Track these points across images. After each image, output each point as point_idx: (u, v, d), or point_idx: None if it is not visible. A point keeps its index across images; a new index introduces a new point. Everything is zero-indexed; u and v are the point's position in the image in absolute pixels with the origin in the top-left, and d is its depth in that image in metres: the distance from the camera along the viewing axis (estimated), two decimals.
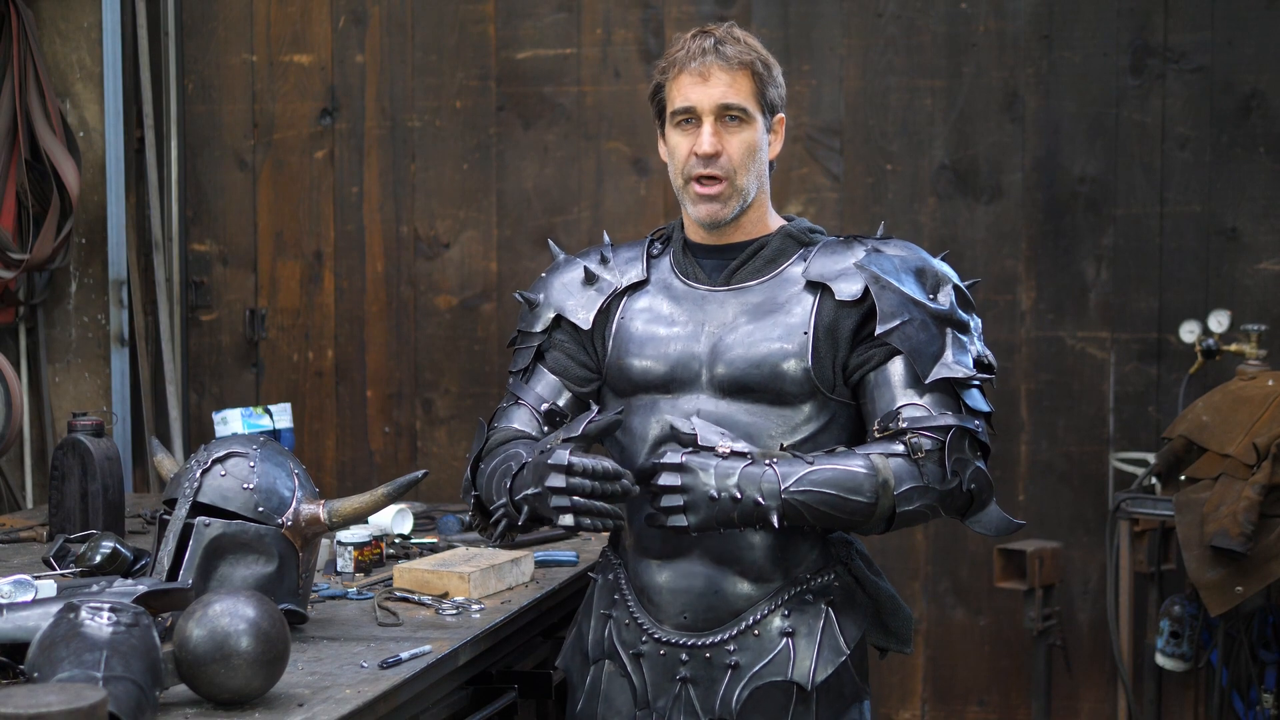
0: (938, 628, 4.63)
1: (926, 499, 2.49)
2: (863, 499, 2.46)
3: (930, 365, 2.55)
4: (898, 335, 2.55)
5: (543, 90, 4.82)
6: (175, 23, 4.94)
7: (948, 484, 2.50)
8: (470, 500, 2.72)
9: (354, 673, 2.41)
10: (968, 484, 2.52)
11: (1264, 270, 4.43)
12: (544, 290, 2.80)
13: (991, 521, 2.59)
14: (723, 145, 2.60)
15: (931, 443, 2.51)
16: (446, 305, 4.90)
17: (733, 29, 2.65)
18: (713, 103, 2.59)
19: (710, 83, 2.59)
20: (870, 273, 2.59)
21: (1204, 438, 3.94)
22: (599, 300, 2.74)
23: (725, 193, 2.62)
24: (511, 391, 2.79)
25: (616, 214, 4.76)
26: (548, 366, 2.77)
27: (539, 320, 2.78)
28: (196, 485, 2.57)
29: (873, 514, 2.47)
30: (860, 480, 2.47)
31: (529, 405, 2.76)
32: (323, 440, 4.97)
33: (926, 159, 4.62)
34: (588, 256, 2.80)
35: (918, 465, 2.49)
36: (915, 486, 2.48)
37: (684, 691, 2.62)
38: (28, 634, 2.18)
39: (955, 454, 2.51)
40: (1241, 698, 4.07)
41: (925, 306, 2.58)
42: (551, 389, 2.75)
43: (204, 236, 5.03)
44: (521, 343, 2.80)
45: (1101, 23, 4.50)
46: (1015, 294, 4.56)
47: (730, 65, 2.59)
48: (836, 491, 2.45)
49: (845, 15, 4.64)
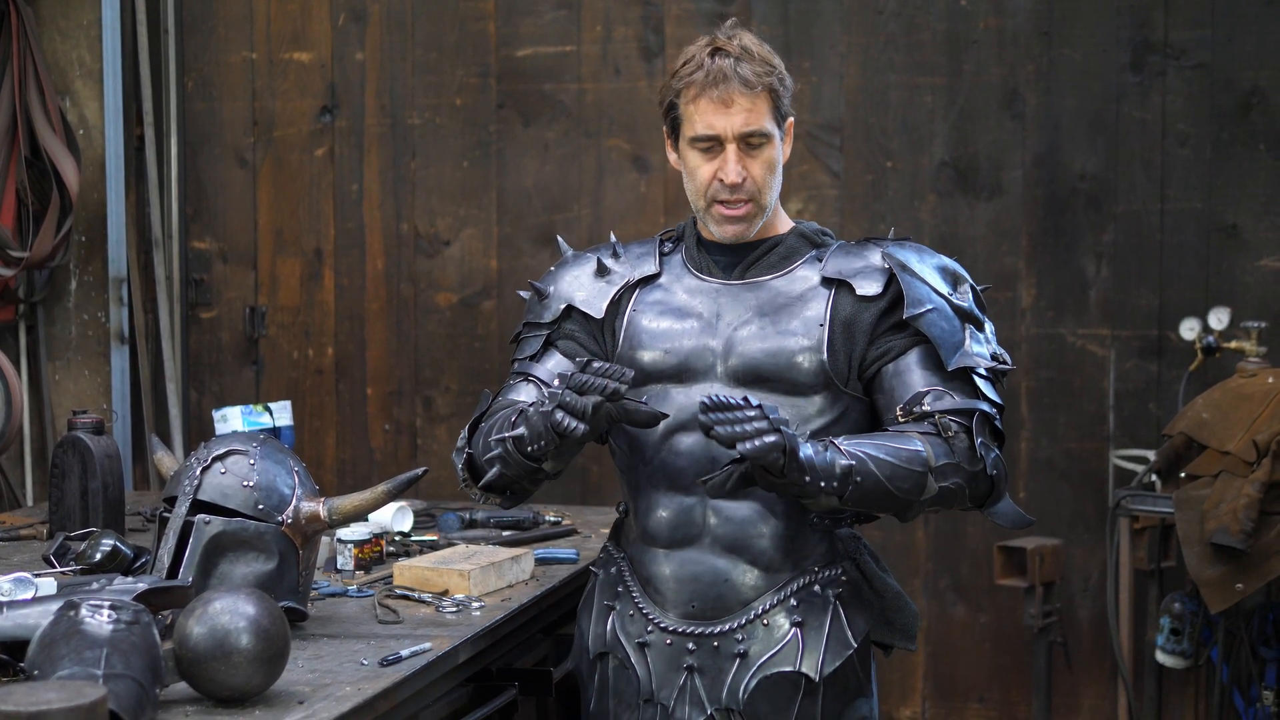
0: (938, 625, 4.63)
1: (959, 477, 2.51)
2: (916, 447, 2.47)
3: (953, 355, 2.58)
4: (925, 320, 2.58)
5: (543, 87, 4.82)
6: (175, 20, 4.94)
7: (975, 465, 2.52)
8: (461, 458, 2.67)
9: (354, 670, 2.41)
10: (991, 469, 2.54)
11: (1264, 267, 4.43)
12: (554, 282, 2.80)
13: (1007, 514, 2.62)
14: (746, 169, 2.60)
15: (958, 426, 2.53)
16: (446, 303, 4.90)
17: (743, 40, 2.62)
18: (736, 131, 2.58)
19: (733, 109, 2.58)
20: (897, 261, 2.63)
21: (1204, 435, 3.94)
22: (610, 291, 2.74)
23: (750, 213, 2.63)
24: (519, 370, 2.77)
25: (617, 211, 4.76)
26: (560, 351, 2.75)
27: (548, 311, 2.77)
28: (196, 483, 2.57)
29: (926, 471, 2.47)
30: (904, 439, 2.49)
31: (538, 381, 2.72)
32: (323, 438, 4.97)
33: (927, 156, 4.61)
34: (599, 251, 2.80)
35: (949, 443, 2.51)
36: (950, 463, 2.50)
37: (690, 681, 2.62)
38: (28, 632, 2.18)
39: (981, 437, 2.53)
40: (1242, 695, 4.07)
41: (948, 299, 2.62)
42: (565, 368, 2.71)
43: (204, 234, 5.03)
44: (528, 333, 2.79)
45: (1101, 20, 4.50)
46: (1015, 291, 4.56)
47: (752, 90, 2.58)
48: (889, 442, 2.48)
49: (845, 12, 4.64)
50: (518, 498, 2.66)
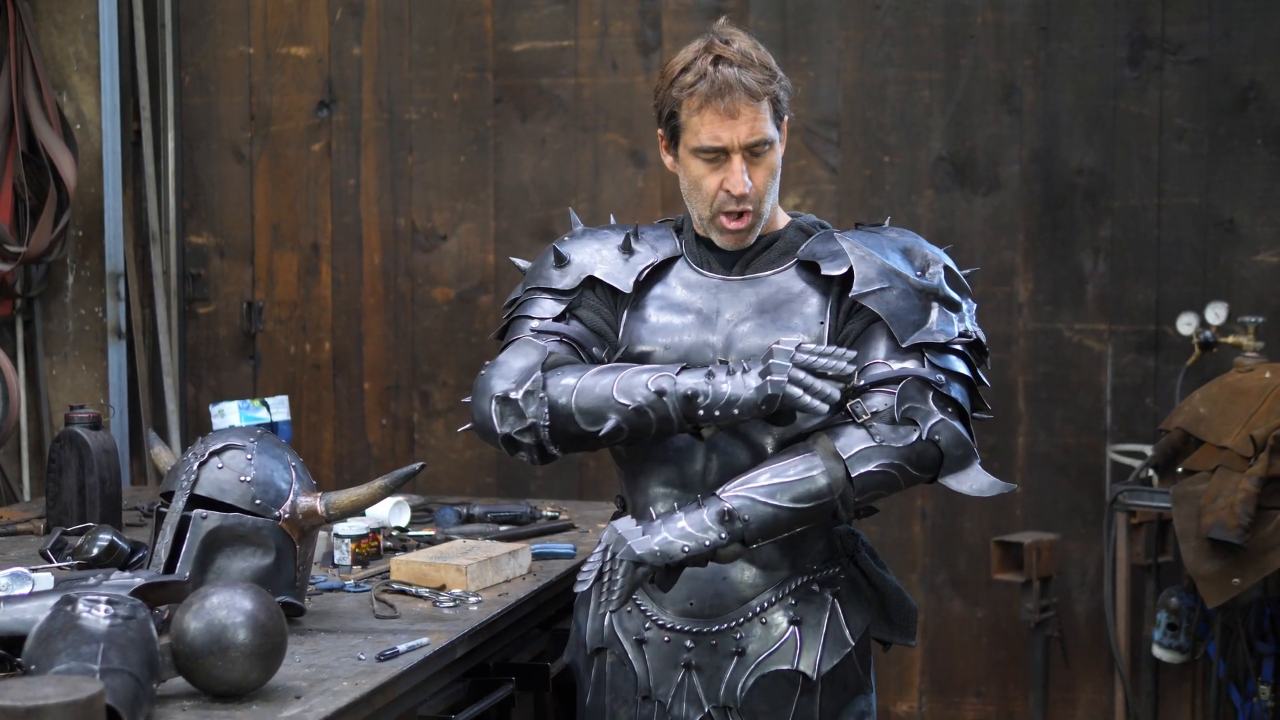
0: (935, 620, 4.63)
1: (884, 458, 2.44)
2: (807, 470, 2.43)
3: (909, 332, 2.52)
4: (874, 299, 2.54)
5: (540, 82, 4.81)
6: (172, 15, 4.94)
7: (905, 437, 2.45)
8: (531, 405, 2.50)
9: (351, 665, 2.41)
10: (930, 436, 2.46)
11: (1261, 262, 4.43)
12: (576, 251, 2.73)
13: (978, 483, 2.50)
14: (750, 177, 2.57)
15: (884, 399, 2.47)
16: (444, 297, 4.90)
17: (741, 43, 2.58)
18: (742, 141, 2.55)
19: (739, 120, 2.54)
20: (850, 243, 2.59)
21: (1201, 430, 3.95)
22: (637, 268, 2.68)
23: (752, 223, 2.62)
24: (541, 330, 2.63)
25: (614, 206, 4.75)
26: (582, 320, 2.67)
27: (568, 277, 2.70)
28: (193, 478, 2.57)
29: (829, 485, 2.42)
30: (797, 459, 2.45)
31: (573, 343, 2.62)
32: (320, 433, 4.97)
33: (924, 151, 4.61)
34: (617, 230, 2.76)
35: (865, 428, 2.46)
36: (867, 448, 2.44)
37: (687, 679, 2.62)
38: (25, 626, 2.18)
39: (907, 403, 2.46)
40: (1239, 689, 4.07)
41: (907, 278, 2.56)
42: (589, 340, 2.65)
43: (201, 229, 5.02)
44: (540, 295, 2.69)
45: (1099, 14, 4.50)
46: (1013, 286, 4.56)
47: (755, 99, 2.55)
48: (776, 475, 2.43)
49: (843, 7, 4.64)
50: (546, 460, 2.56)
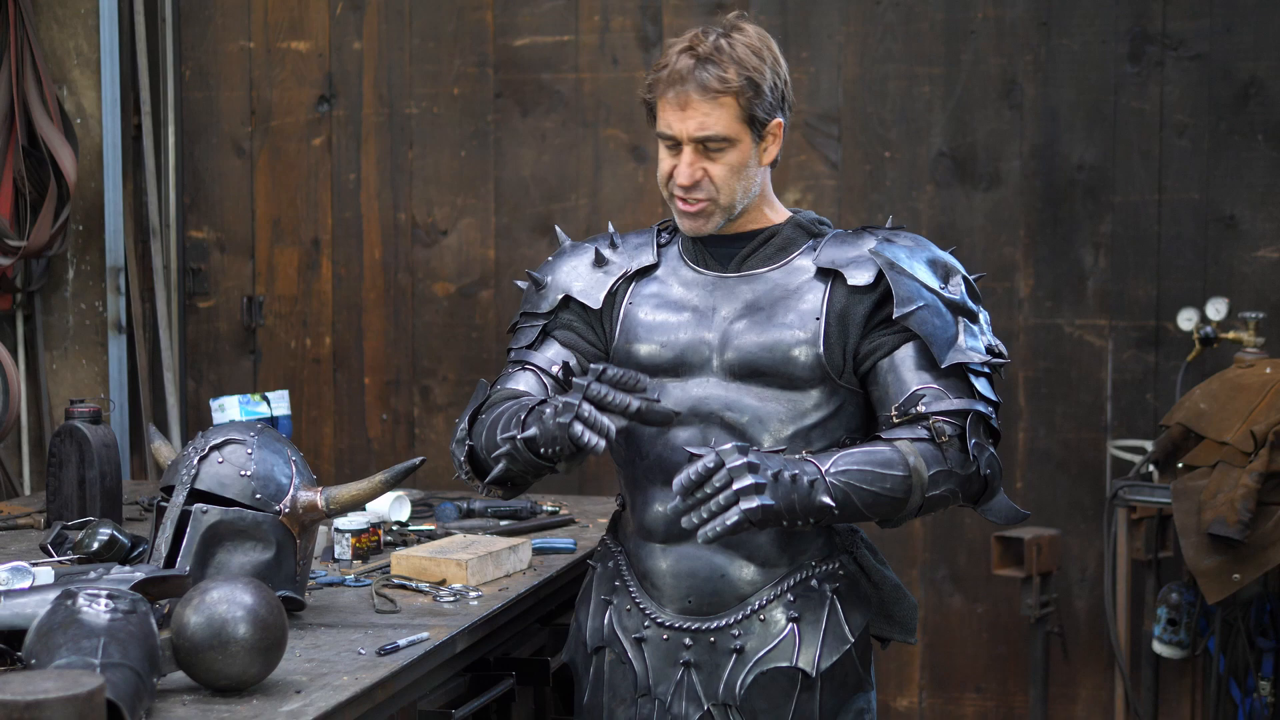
0: (935, 615, 4.63)
1: (950, 484, 2.50)
2: (899, 473, 2.45)
3: (945, 351, 2.55)
4: (915, 319, 2.55)
5: (541, 77, 4.81)
6: (172, 9, 4.93)
7: (968, 469, 2.51)
8: (462, 450, 2.63)
9: (351, 659, 2.41)
10: (984, 469, 2.52)
11: (1262, 258, 4.43)
12: (552, 272, 2.77)
13: (1001, 510, 2.62)
14: (704, 170, 2.57)
15: (952, 427, 2.51)
16: (444, 292, 4.90)
17: (727, 39, 2.56)
18: (690, 134, 2.55)
19: (688, 113, 2.54)
20: (884, 259, 2.58)
21: (1201, 425, 3.94)
22: (608, 282, 2.72)
23: (707, 210, 2.60)
24: (516, 359, 2.74)
25: (615, 201, 4.75)
26: (559, 341, 2.73)
27: (546, 301, 2.75)
28: (194, 472, 2.57)
29: (910, 493, 2.46)
30: (891, 457, 2.46)
31: (536, 369, 2.70)
32: (320, 427, 4.97)
33: (925, 146, 4.61)
34: (596, 241, 2.78)
35: (941, 450, 2.49)
36: (941, 470, 2.48)
37: (686, 677, 2.62)
38: (25, 621, 2.18)
39: (974, 438, 2.51)
40: (1239, 685, 4.07)
41: (939, 294, 2.58)
42: (563, 356, 2.70)
43: (201, 223, 5.02)
44: (525, 322, 2.77)
45: (1100, 10, 4.50)
46: (1013, 281, 4.56)
47: (707, 95, 2.53)
48: (873, 468, 2.44)
49: (844, 2, 4.63)
50: (519, 490, 2.65)
